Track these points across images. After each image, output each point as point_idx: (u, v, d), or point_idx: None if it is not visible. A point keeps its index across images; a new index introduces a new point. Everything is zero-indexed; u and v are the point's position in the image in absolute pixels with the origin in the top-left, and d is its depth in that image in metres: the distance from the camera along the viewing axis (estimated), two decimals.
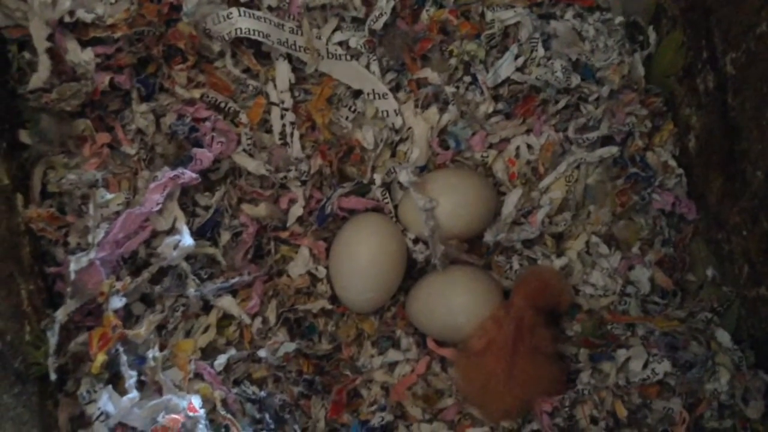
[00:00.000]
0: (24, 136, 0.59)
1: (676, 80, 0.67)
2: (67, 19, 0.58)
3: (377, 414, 0.63)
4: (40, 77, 0.58)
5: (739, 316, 0.64)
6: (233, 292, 0.62)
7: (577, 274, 0.67)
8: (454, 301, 0.63)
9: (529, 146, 0.69)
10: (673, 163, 0.68)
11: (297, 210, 0.65)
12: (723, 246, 0.65)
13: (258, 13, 0.62)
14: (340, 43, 0.66)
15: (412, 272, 0.67)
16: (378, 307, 0.66)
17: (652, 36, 0.68)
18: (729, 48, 0.58)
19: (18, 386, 0.51)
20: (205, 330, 0.61)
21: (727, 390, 0.60)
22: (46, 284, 0.57)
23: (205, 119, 0.62)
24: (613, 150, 0.68)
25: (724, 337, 0.63)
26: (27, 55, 0.59)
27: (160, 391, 0.55)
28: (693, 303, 0.66)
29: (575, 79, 0.66)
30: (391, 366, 0.66)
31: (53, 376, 0.51)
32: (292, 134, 0.65)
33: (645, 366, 0.62)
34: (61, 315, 0.53)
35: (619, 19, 0.68)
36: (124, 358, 0.54)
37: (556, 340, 0.64)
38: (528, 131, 0.69)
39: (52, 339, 0.52)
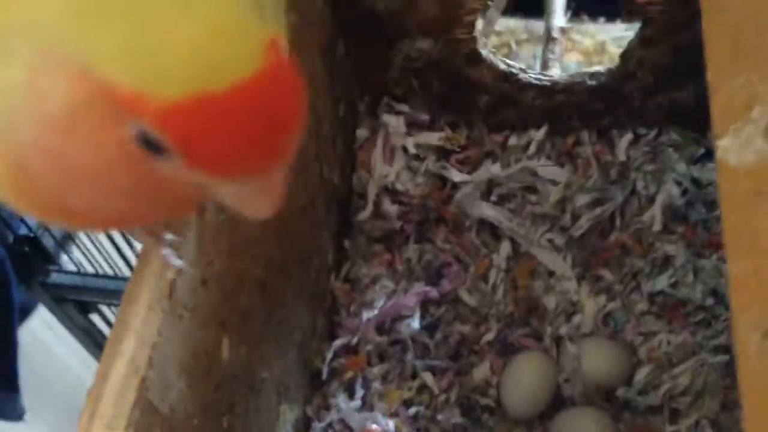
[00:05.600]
0: None
1: None
2: None
3: None
4: None
5: None
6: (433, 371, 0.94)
7: None
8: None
9: (668, 342, 0.94)
10: None
11: (488, 336, 0.96)
12: None
13: None
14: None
15: (556, 402, 0.93)
16: (530, 418, 0.92)
17: None
18: None
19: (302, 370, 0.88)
20: (409, 389, 0.93)
21: None
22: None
23: None
24: None
25: None
26: None
27: (371, 408, 0.88)
28: None
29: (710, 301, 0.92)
30: None
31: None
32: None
33: None
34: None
35: None
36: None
37: None
38: (670, 332, 0.94)
39: (328, 354, 0.90)
